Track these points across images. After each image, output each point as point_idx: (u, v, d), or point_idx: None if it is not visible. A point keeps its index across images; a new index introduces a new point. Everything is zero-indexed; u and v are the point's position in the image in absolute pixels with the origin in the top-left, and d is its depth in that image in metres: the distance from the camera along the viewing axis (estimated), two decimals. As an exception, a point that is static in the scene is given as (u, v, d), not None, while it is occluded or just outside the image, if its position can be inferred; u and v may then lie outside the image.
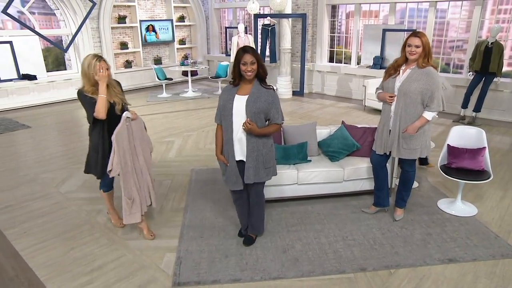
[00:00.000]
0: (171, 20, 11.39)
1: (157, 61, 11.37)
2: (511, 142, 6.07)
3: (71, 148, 6.08)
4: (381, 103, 3.59)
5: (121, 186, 3.24)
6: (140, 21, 10.71)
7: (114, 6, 10.16)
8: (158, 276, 3.01)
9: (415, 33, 3.32)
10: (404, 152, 3.48)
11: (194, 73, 10.60)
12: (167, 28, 11.36)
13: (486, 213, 3.88)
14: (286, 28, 9.36)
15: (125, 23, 10.53)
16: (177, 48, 11.83)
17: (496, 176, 4.45)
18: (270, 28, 9.50)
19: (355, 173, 4.05)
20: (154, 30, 11.06)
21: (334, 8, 9.73)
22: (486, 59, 6.55)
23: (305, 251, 3.27)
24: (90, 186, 4.66)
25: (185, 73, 10.54)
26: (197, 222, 3.76)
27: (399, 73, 3.40)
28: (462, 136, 3.94)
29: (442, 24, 8.15)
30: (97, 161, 3.27)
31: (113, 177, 3.30)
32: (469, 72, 7.03)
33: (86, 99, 3.15)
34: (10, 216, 3.98)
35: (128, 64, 10.81)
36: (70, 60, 10.28)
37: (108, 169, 3.17)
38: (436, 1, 7.81)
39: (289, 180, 3.92)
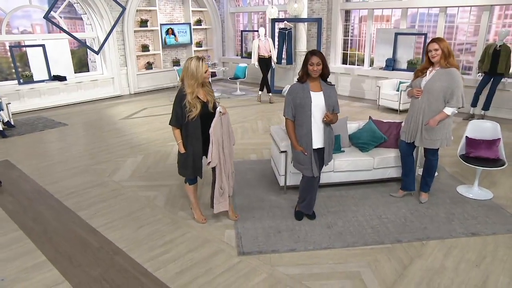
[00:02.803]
0: (189, 24, 11.90)
1: (176, 62, 11.87)
2: (518, 138, 6.58)
3: (110, 143, 6.57)
4: (393, 102, 4.08)
5: (216, 176, 3.61)
6: (161, 24, 11.22)
7: (137, 11, 10.68)
8: (224, 248, 3.51)
9: (432, 40, 3.85)
10: (426, 142, 3.99)
11: (213, 74, 11.10)
12: (185, 31, 11.87)
13: (500, 197, 4.39)
14: (302, 32, 9.90)
15: (146, 26, 11.04)
16: (194, 51, 12.34)
17: (506, 167, 4.94)
18: (287, 31, 10.01)
19: (383, 161, 4.56)
20: (173, 33, 11.57)
21: (347, 13, 10.26)
22: (494, 61, 7.08)
23: (347, 227, 3.77)
24: (139, 176, 5.17)
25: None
26: (247, 205, 4.25)
27: (425, 74, 3.91)
28: (479, 129, 4.45)
29: (451, 28, 8.68)
30: (188, 159, 3.54)
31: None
32: (478, 73, 7.57)
33: (179, 105, 3.39)
34: (77, 201, 4.48)
35: (149, 66, 11.32)
36: (95, 62, 10.78)
37: (208, 160, 3.50)
38: (446, 7, 8.34)
39: (326, 168, 4.41)
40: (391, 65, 9.12)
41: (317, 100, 3.48)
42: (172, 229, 3.84)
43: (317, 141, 3.57)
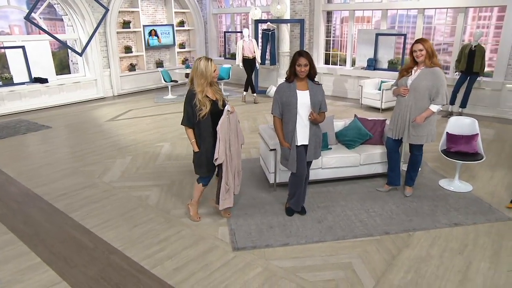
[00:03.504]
0: (172, 25, 11.88)
1: (159, 64, 11.84)
2: (493, 133, 6.89)
3: (98, 145, 6.53)
4: (375, 101, 4.25)
5: (223, 173, 3.69)
6: (143, 26, 11.17)
7: (119, 12, 10.61)
8: (218, 244, 3.59)
9: (417, 40, 4.04)
10: (413, 138, 4.17)
11: (197, 76, 11.11)
12: (168, 32, 11.85)
13: (479, 189, 4.62)
14: (285, 33, 10.04)
15: (129, 28, 10.97)
16: (178, 52, 12.34)
17: (484, 161, 5.19)
18: (270, 32, 10.14)
19: (369, 158, 4.73)
20: (156, 35, 11.53)
21: (329, 14, 10.48)
22: (470, 61, 7.40)
23: (337, 221, 3.91)
24: (130, 177, 5.18)
25: (187, 75, 11.06)
26: (238, 203, 4.33)
27: (411, 73, 4.09)
28: (459, 125, 4.68)
29: (429, 29, 8.99)
30: (202, 158, 3.64)
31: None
32: (455, 72, 7.89)
33: (190, 104, 3.49)
34: (68, 202, 4.47)
35: (132, 67, 11.26)
36: (77, 64, 10.65)
37: (215, 157, 3.57)
38: (424, 8, 8.64)
39: (314, 165, 4.53)
40: (372, 65, 9.37)
41: (303, 98, 3.60)
42: (166, 228, 3.89)
43: (302, 138, 3.69)
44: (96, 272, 3.22)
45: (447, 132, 4.66)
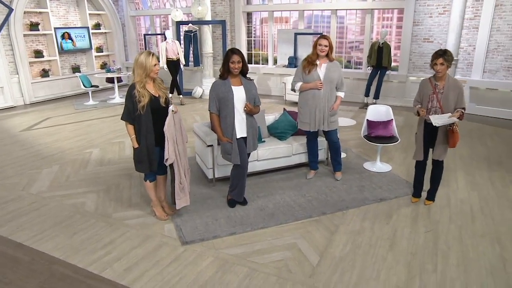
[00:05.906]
0: (87, 28, 11.31)
1: (76, 69, 11.18)
2: (403, 120, 7.76)
3: (17, 156, 6.03)
4: (297, 96, 4.71)
5: (175, 172, 3.66)
6: (55, 28, 10.47)
7: (25, 13, 9.80)
8: (166, 240, 3.60)
9: (323, 36, 4.46)
10: (331, 125, 4.60)
11: (118, 80, 10.69)
12: (84, 35, 11.26)
13: (397, 168, 5.22)
14: (207, 34, 10.15)
15: (38, 30, 10.20)
16: (95, 56, 11.75)
17: (398, 144, 5.83)
18: (192, 34, 10.18)
19: (300, 148, 5.06)
20: (70, 38, 10.89)
21: (249, 15, 10.83)
22: (379, 56, 8.23)
23: (277, 208, 4.15)
24: (60, 186, 4.90)
25: (109, 80, 10.60)
26: (180, 200, 4.36)
27: (316, 66, 4.46)
28: (376, 112, 5.23)
29: (342, 28, 9.77)
30: (142, 153, 3.58)
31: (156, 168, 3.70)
32: (368, 67, 8.70)
33: (130, 99, 3.46)
34: (-8, 218, 4.11)
35: (45, 73, 10.46)
36: (-21, 70, 9.61)
37: (165, 157, 3.53)
38: (336, 9, 9.37)
39: (251, 158, 4.69)
40: (293, 62, 9.88)
41: (239, 93, 3.79)
42: (109, 231, 3.79)
43: (241, 131, 3.89)
44: (36, 284, 3.05)
45: (367, 119, 5.17)
